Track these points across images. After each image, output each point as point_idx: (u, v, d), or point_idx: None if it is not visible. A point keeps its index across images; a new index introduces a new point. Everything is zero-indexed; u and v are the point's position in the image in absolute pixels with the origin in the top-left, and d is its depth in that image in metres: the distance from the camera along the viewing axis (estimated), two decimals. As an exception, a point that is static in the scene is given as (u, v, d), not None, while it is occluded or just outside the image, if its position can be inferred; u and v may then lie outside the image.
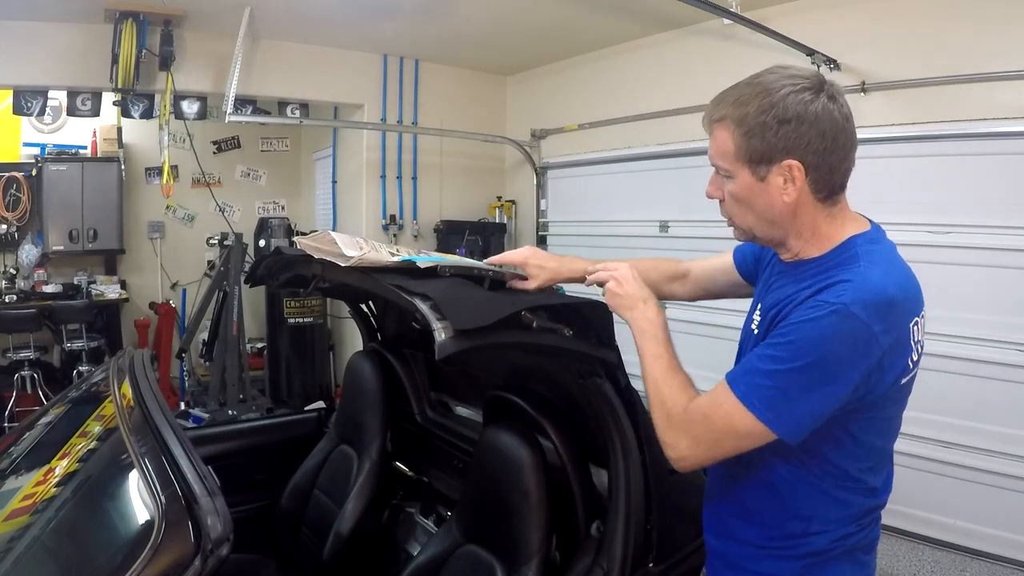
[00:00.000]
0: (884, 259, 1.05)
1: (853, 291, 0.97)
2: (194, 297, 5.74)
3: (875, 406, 1.04)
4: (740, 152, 1.05)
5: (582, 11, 4.00)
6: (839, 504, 1.10)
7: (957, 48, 3.08)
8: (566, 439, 1.57)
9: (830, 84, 1.04)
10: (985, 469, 3.08)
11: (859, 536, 1.13)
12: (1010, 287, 3.00)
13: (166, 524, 1.03)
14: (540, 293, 1.44)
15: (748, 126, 1.03)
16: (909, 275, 1.06)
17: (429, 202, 5.37)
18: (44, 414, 1.78)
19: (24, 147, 5.31)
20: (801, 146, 1.01)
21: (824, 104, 1.01)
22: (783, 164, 1.02)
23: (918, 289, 1.07)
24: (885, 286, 0.99)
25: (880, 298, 0.97)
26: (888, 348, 0.98)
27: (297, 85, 4.69)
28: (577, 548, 1.49)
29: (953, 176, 3.15)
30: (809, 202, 1.06)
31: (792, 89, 1.01)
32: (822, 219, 1.08)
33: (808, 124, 1.00)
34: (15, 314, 4.83)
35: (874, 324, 0.96)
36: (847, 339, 0.96)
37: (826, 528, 1.11)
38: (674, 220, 4.28)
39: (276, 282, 2.08)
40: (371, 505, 2.01)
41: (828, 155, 1.02)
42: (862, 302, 0.96)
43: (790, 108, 1.00)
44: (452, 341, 1.11)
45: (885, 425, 1.09)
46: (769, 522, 1.15)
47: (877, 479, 1.13)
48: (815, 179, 1.04)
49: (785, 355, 0.99)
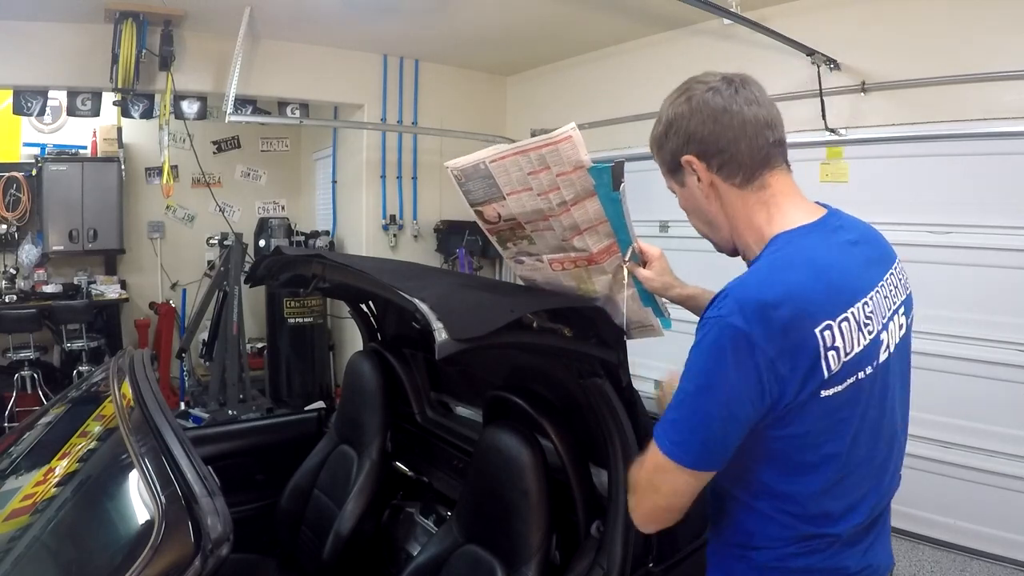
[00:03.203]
0: (787, 260, 1.00)
1: (730, 301, 0.95)
2: (194, 297, 5.74)
3: (790, 419, 0.97)
4: (662, 169, 1.17)
5: (582, 11, 4.00)
6: (775, 524, 1.06)
7: (957, 48, 3.08)
8: (566, 439, 1.57)
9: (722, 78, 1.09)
10: (985, 469, 3.08)
11: (809, 559, 1.06)
12: (1010, 287, 3.00)
13: (166, 524, 1.03)
14: (540, 294, 1.44)
15: (656, 143, 1.15)
16: (820, 274, 0.98)
17: (429, 202, 5.37)
18: (44, 414, 1.78)
19: (24, 147, 5.31)
20: (690, 140, 1.08)
21: (700, 96, 1.07)
22: (683, 161, 1.10)
23: (838, 288, 0.99)
24: (761, 291, 0.95)
25: (755, 304, 0.93)
26: (777, 353, 0.92)
27: (297, 85, 4.70)
28: (577, 548, 1.49)
29: (953, 176, 3.15)
30: (728, 191, 1.09)
31: (672, 99, 1.12)
32: (752, 209, 1.08)
33: (686, 120, 1.08)
34: (15, 314, 4.82)
35: (753, 329, 0.92)
36: (729, 352, 0.93)
37: (768, 545, 1.07)
38: (674, 220, 4.29)
39: (276, 282, 2.08)
40: (371, 505, 2.01)
41: (716, 139, 1.06)
42: (738, 310, 0.93)
43: (668, 113, 1.11)
44: (452, 341, 1.11)
45: (813, 440, 1.00)
46: (723, 529, 1.15)
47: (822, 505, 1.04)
48: (718, 165, 1.07)
49: (683, 383, 0.99)
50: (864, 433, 1.04)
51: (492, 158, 1.24)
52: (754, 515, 1.08)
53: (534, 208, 1.28)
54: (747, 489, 1.07)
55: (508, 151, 1.23)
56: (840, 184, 3.49)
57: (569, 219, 1.28)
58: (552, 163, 1.21)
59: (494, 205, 1.31)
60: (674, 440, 0.99)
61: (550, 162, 1.21)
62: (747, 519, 1.09)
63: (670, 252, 1.42)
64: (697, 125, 1.06)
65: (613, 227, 1.30)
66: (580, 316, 1.36)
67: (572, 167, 1.21)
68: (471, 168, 1.26)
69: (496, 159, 1.24)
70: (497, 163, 1.24)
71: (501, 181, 1.26)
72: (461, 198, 1.32)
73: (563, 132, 1.18)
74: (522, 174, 1.24)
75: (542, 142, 1.19)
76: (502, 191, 1.27)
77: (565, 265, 1.38)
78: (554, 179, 1.23)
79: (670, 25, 4.18)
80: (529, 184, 1.25)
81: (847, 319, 0.98)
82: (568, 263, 1.38)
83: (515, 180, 1.25)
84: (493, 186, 1.27)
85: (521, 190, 1.26)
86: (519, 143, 1.22)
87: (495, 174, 1.25)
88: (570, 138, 1.18)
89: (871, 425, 1.05)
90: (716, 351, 0.95)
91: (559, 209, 1.27)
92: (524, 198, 1.27)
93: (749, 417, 0.96)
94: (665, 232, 4.32)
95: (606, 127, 4.71)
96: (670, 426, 1.00)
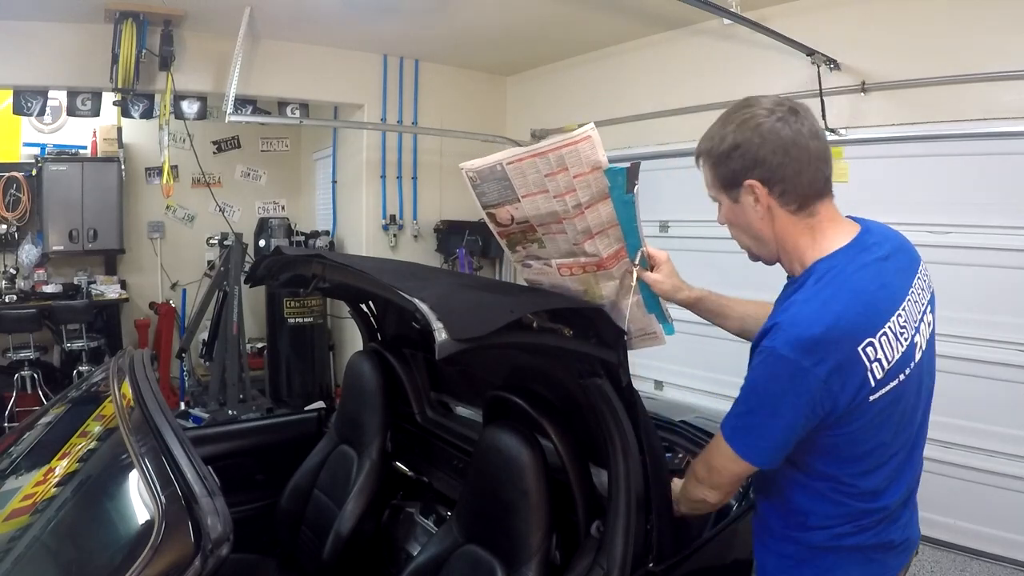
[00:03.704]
0: (825, 290, 1.11)
1: (781, 335, 1.09)
2: (194, 297, 5.74)
3: (843, 422, 1.12)
4: (715, 181, 1.22)
5: (582, 11, 4.00)
6: (833, 504, 1.19)
7: (957, 48, 3.08)
8: (566, 439, 1.57)
9: (788, 107, 1.15)
10: (985, 469, 3.08)
11: (860, 537, 1.20)
12: (1010, 287, 3.00)
13: (166, 524, 1.03)
14: (540, 294, 1.44)
15: (714, 157, 1.19)
16: (857, 298, 1.11)
17: (429, 202, 5.37)
18: (44, 414, 1.78)
19: (24, 147, 5.31)
20: (756, 166, 1.14)
21: (772, 125, 1.12)
22: (746, 184, 1.16)
23: (875, 307, 1.12)
24: (809, 326, 1.07)
25: (804, 338, 1.07)
26: (827, 375, 1.07)
27: (297, 85, 4.69)
28: (577, 548, 1.49)
29: (953, 176, 3.15)
30: (782, 215, 1.17)
31: (744, 117, 1.15)
32: (802, 231, 1.18)
33: (756, 146, 1.13)
34: (15, 314, 4.82)
35: (803, 360, 1.06)
36: (784, 379, 1.08)
37: (824, 524, 1.20)
38: (674, 220, 4.29)
39: (276, 282, 2.08)
40: (371, 505, 2.01)
41: (782, 169, 1.13)
42: (789, 343, 1.07)
43: (739, 135, 1.14)
44: (452, 341, 1.11)
45: (863, 436, 1.14)
46: (780, 511, 1.27)
47: (870, 483, 1.18)
48: (780, 192, 1.15)
49: (743, 398, 1.16)
50: (904, 422, 1.19)
51: (510, 160, 1.24)
52: (808, 493, 1.21)
53: (549, 211, 1.29)
54: (802, 471, 1.20)
55: (526, 153, 1.23)
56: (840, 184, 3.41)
57: (583, 222, 1.29)
58: (571, 164, 1.22)
59: (507, 207, 1.31)
60: (745, 443, 1.16)
61: (568, 163, 1.22)
62: (802, 498, 1.22)
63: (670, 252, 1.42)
64: (767, 154, 1.12)
65: (623, 230, 1.31)
66: (580, 316, 1.36)
67: (590, 167, 1.22)
68: (487, 170, 1.27)
69: (513, 161, 1.24)
70: (514, 165, 1.25)
71: (517, 183, 1.26)
72: (466, 199, 1.32)
73: (583, 132, 1.20)
74: (539, 176, 1.24)
75: (562, 143, 1.21)
76: (517, 193, 1.28)
77: (574, 270, 1.39)
78: (571, 181, 1.24)
79: (670, 25, 4.18)
80: (546, 186, 1.25)
81: (885, 333, 1.12)
82: (577, 268, 1.38)
83: (531, 182, 1.26)
84: (508, 188, 1.27)
85: (537, 192, 1.27)
86: (537, 145, 1.23)
87: (511, 176, 1.26)
88: (589, 138, 1.20)
89: (909, 414, 1.20)
90: (772, 378, 1.10)
91: (574, 212, 1.27)
92: (539, 200, 1.28)
93: (805, 427, 1.11)
94: (665, 232, 4.33)
95: (606, 127, 4.70)
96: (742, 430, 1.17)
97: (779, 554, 1.27)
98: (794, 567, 1.25)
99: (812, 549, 1.22)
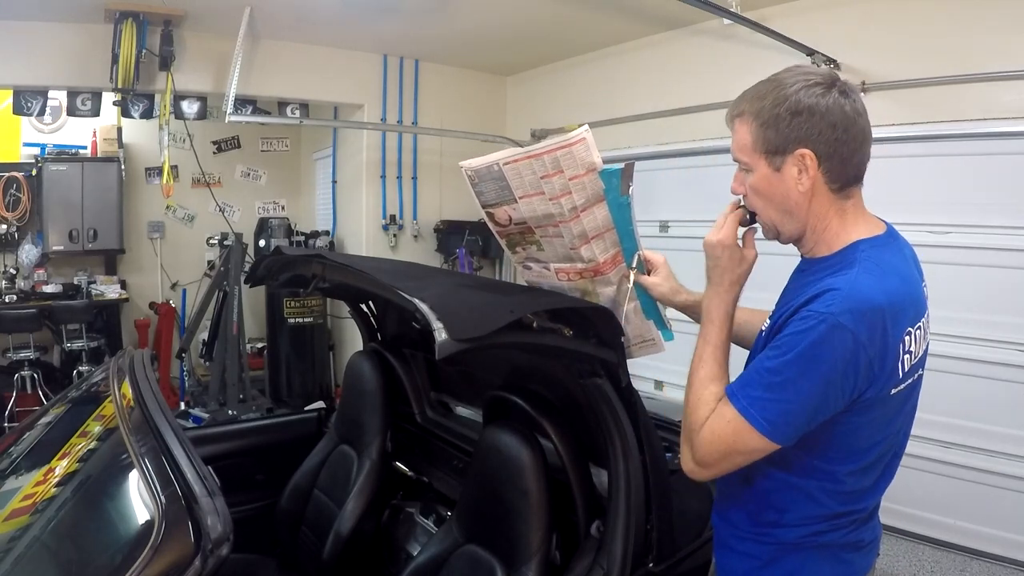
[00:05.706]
0: (881, 267, 1.05)
1: (841, 300, 0.99)
2: (194, 297, 5.74)
3: (856, 412, 1.05)
4: (758, 144, 1.10)
5: (582, 11, 4.00)
6: (815, 504, 1.14)
7: (957, 48, 3.08)
8: (566, 439, 1.57)
9: (843, 82, 1.08)
10: (985, 469, 3.08)
11: (833, 535, 1.15)
12: (1010, 287, 3.00)
13: (166, 524, 1.03)
14: (539, 294, 1.44)
15: (764, 118, 1.08)
16: (907, 285, 1.07)
17: (429, 202, 5.37)
18: (44, 414, 1.78)
19: (24, 147, 5.31)
20: (812, 136, 1.05)
21: (836, 98, 1.05)
22: (796, 153, 1.07)
23: (916, 299, 1.08)
24: (872, 295, 1.00)
25: (866, 307, 0.99)
26: (875, 356, 1.00)
27: (297, 85, 4.69)
28: (577, 548, 1.49)
29: (953, 176, 3.15)
30: (823, 192, 1.10)
31: (805, 84, 1.06)
32: (834, 213, 1.11)
33: (819, 116, 1.05)
34: (15, 314, 4.82)
35: (860, 333, 0.98)
36: (836, 349, 0.98)
37: (800, 522, 1.15)
38: (674, 220, 4.29)
39: (276, 282, 2.08)
40: (371, 505, 2.01)
41: (840, 146, 1.06)
42: (849, 311, 0.98)
43: (802, 101, 1.05)
44: (452, 341, 1.11)
45: (870, 429, 1.09)
46: (750, 511, 1.20)
47: (861, 482, 1.14)
48: (828, 169, 1.08)
49: (780, 367, 1.02)
50: (904, 424, 1.16)
51: (506, 160, 1.25)
52: (791, 492, 1.14)
53: (545, 213, 1.29)
54: (789, 468, 1.13)
55: (522, 154, 1.23)
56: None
57: (579, 226, 1.29)
58: (566, 166, 1.22)
59: (505, 208, 1.31)
60: (768, 419, 1.03)
61: (564, 165, 1.22)
62: (782, 497, 1.15)
63: (670, 253, 1.42)
64: (827, 127, 1.05)
65: (619, 234, 1.31)
66: (580, 316, 1.36)
67: (585, 169, 1.22)
68: (484, 169, 1.27)
69: (510, 161, 1.24)
70: (511, 166, 1.25)
71: (514, 184, 1.27)
72: (466, 199, 1.32)
73: (577, 134, 1.20)
74: (535, 177, 1.25)
75: (557, 145, 1.20)
76: (514, 194, 1.28)
77: (571, 276, 1.39)
78: (566, 183, 1.24)
79: (670, 25, 4.18)
80: (541, 188, 1.26)
81: (920, 327, 1.08)
82: (574, 274, 1.38)
83: (528, 183, 1.26)
84: (505, 188, 1.28)
85: (533, 194, 1.27)
86: (533, 147, 1.23)
87: (508, 176, 1.26)
88: (584, 140, 1.20)
89: (909, 415, 1.17)
90: (821, 345, 0.99)
91: (570, 215, 1.27)
92: (535, 202, 1.28)
93: (836, 408, 1.03)
94: (665, 232, 4.32)
95: (606, 127, 4.71)
96: (766, 404, 1.03)
97: (745, 554, 1.21)
98: (760, 568, 1.18)
99: (782, 547, 1.16)
